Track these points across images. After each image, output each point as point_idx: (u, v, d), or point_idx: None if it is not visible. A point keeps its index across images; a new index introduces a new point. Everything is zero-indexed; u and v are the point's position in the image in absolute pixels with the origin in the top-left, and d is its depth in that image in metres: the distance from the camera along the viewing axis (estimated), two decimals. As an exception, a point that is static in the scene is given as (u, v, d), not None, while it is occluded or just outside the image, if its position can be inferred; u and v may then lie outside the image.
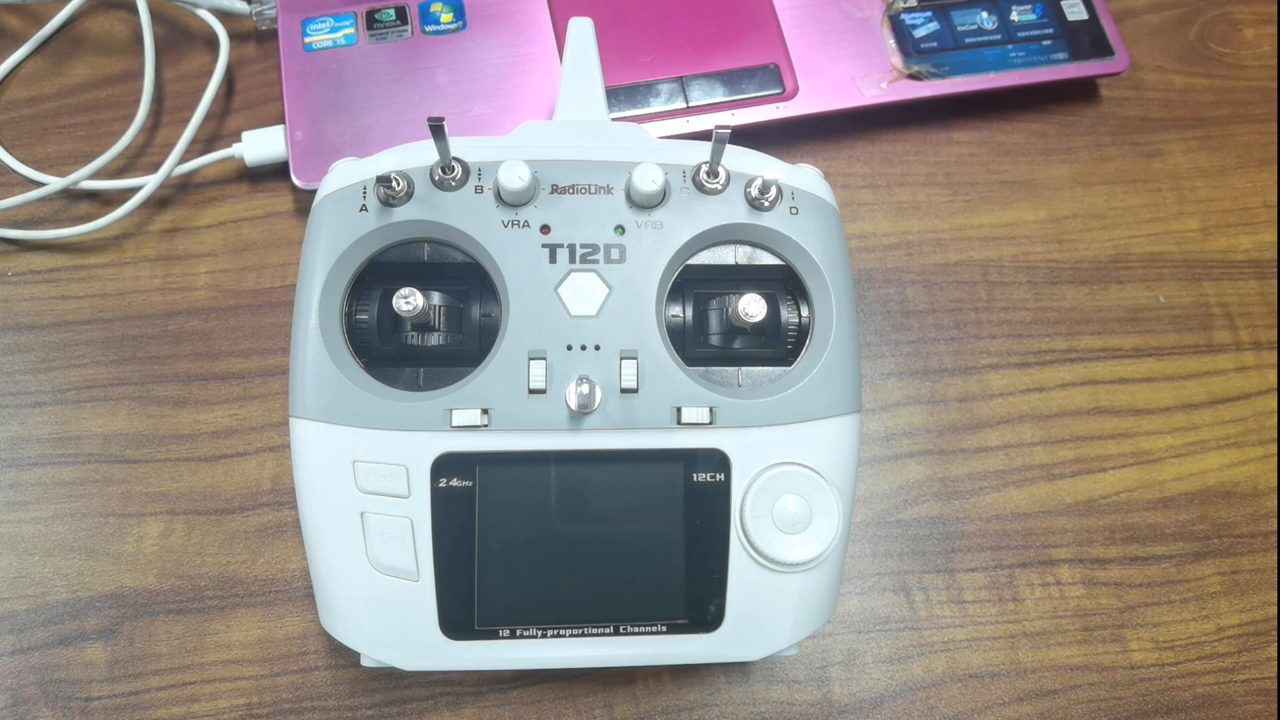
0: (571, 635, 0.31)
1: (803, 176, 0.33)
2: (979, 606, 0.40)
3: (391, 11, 0.44)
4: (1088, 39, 0.46)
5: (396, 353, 0.32)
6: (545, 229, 0.32)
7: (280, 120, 0.44)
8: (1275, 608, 0.40)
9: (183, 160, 0.43)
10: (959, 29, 0.46)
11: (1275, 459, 0.42)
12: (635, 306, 0.31)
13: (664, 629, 0.31)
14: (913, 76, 0.45)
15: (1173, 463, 0.42)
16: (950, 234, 0.45)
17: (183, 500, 0.39)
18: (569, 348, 0.31)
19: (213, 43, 0.47)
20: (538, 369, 0.31)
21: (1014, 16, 0.46)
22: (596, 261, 0.32)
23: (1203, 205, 0.47)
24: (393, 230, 0.32)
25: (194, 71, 0.46)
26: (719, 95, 0.43)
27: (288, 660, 0.37)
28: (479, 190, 0.32)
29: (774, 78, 0.44)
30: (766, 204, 0.32)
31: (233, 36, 0.46)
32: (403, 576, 0.30)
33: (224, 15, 0.46)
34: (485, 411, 0.30)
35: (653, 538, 0.31)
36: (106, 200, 0.44)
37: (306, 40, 0.44)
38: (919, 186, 0.46)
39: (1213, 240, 0.46)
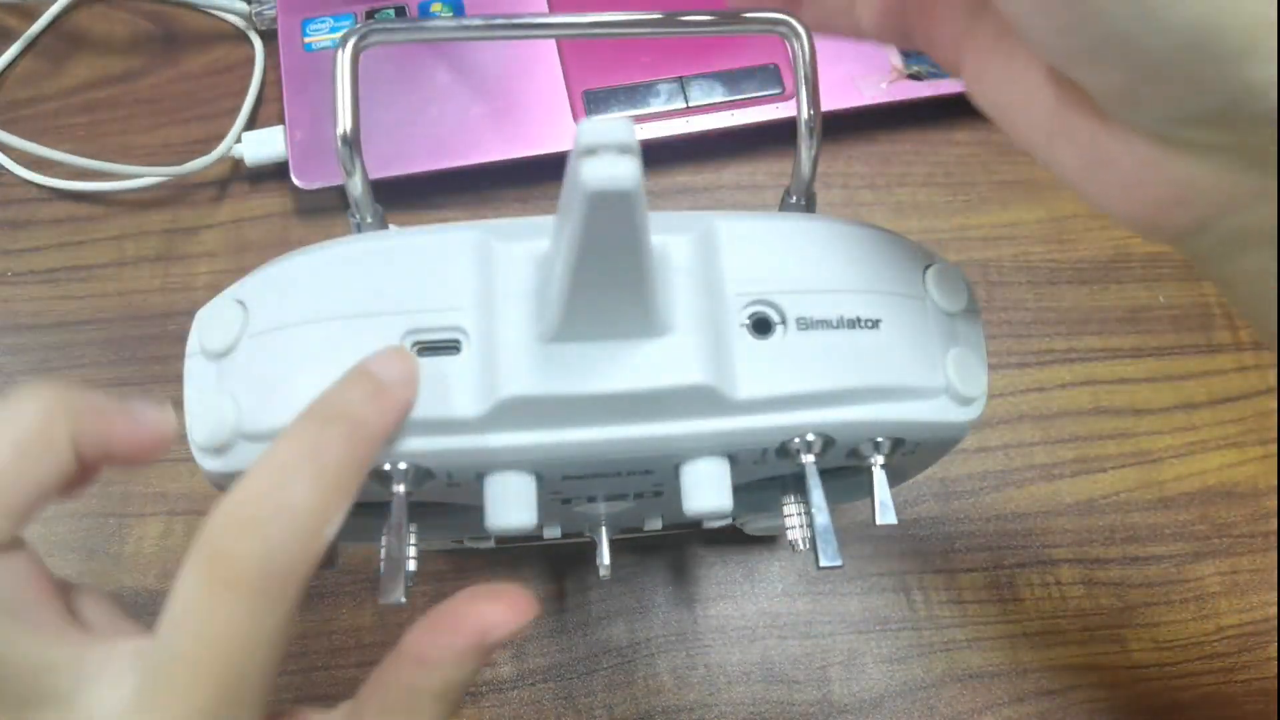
0: None
1: None
2: (979, 606, 0.40)
3: (391, 11, 0.44)
4: (1088, 39, 0.46)
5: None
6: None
7: (280, 120, 0.44)
8: (1275, 608, 0.40)
9: (183, 160, 0.43)
10: (959, 29, 0.46)
11: (1275, 459, 0.42)
12: None
13: None
14: (913, 76, 0.45)
15: (1173, 463, 0.42)
16: (950, 234, 0.45)
17: (183, 500, 0.39)
18: None
19: (212, 43, 0.47)
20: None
21: (1014, 16, 0.46)
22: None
23: (1203, 205, 0.46)
24: None
25: (194, 72, 0.46)
26: (719, 95, 0.43)
27: (287, 660, 0.37)
28: None
29: (774, 78, 0.44)
30: None
31: (232, 36, 0.46)
32: None
33: (223, 15, 0.46)
34: None
35: None
36: (106, 200, 0.44)
37: (306, 40, 0.44)
38: (919, 186, 0.46)
39: (1213, 240, 0.46)
